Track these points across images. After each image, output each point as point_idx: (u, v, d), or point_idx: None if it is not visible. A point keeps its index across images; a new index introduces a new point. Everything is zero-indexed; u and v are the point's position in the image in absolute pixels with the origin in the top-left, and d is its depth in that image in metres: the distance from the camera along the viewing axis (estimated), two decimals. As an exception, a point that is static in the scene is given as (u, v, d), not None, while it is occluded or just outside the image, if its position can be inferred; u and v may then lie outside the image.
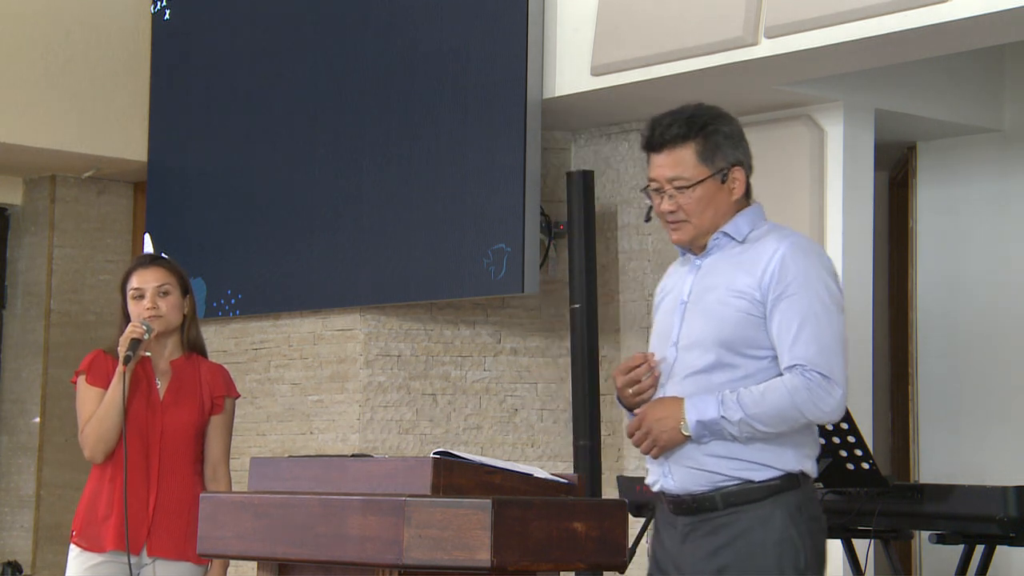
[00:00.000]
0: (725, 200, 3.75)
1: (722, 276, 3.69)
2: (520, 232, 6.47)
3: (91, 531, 4.70)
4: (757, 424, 3.56)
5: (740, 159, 3.79)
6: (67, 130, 8.22)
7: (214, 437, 4.84)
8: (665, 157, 3.75)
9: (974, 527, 4.95)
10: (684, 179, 3.72)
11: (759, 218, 3.79)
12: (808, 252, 3.67)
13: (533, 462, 7.02)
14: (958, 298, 7.11)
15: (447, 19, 6.87)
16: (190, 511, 4.72)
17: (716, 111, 3.82)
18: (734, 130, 3.81)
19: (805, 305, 3.59)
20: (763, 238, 3.71)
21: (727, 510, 3.60)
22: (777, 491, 3.60)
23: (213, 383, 4.85)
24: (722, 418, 3.57)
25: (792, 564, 3.59)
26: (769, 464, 3.61)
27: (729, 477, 3.61)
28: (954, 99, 6.89)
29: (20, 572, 8.30)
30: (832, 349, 3.59)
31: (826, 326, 3.59)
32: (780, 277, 3.61)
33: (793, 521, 3.60)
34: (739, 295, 3.64)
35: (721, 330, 3.64)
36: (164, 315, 4.75)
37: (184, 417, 4.76)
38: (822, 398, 3.56)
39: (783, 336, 3.59)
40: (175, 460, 4.74)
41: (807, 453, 3.67)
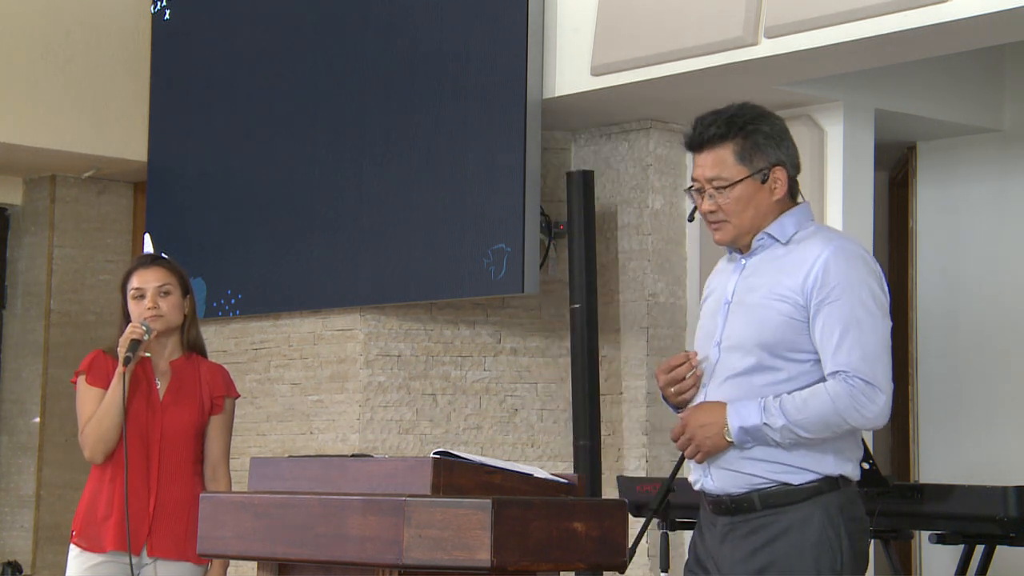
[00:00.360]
0: (766, 200, 3.72)
1: (765, 277, 3.68)
2: (520, 232, 6.47)
3: (91, 531, 4.70)
4: (799, 430, 3.55)
5: (782, 159, 3.75)
6: (67, 130, 8.22)
7: (214, 437, 4.84)
8: (705, 157, 3.74)
9: (974, 527, 4.95)
10: (723, 179, 3.71)
11: (805, 219, 3.76)
12: (852, 256, 3.65)
13: (533, 462, 7.02)
14: (958, 298, 7.11)
15: (447, 19, 6.87)
16: (190, 511, 4.72)
17: (759, 110, 3.79)
18: (776, 130, 3.77)
19: (848, 311, 3.57)
20: (807, 240, 3.69)
21: (765, 511, 3.60)
22: (816, 493, 3.60)
23: (213, 383, 4.85)
24: (764, 424, 3.57)
25: (829, 566, 3.58)
26: (808, 468, 3.61)
27: (766, 480, 3.61)
28: (954, 99, 6.89)
29: (20, 572, 8.30)
30: (875, 355, 3.58)
31: (869, 332, 3.58)
32: (824, 282, 3.59)
33: (832, 523, 3.59)
34: (781, 298, 3.62)
35: (762, 332, 3.63)
36: (165, 315, 4.76)
37: (184, 417, 4.77)
38: (865, 404, 3.55)
39: (826, 342, 3.58)
40: (175, 460, 4.74)
41: (848, 457, 3.66)
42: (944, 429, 7.09)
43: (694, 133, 3.78)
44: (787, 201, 3.76)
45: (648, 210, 6.93)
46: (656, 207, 6.89)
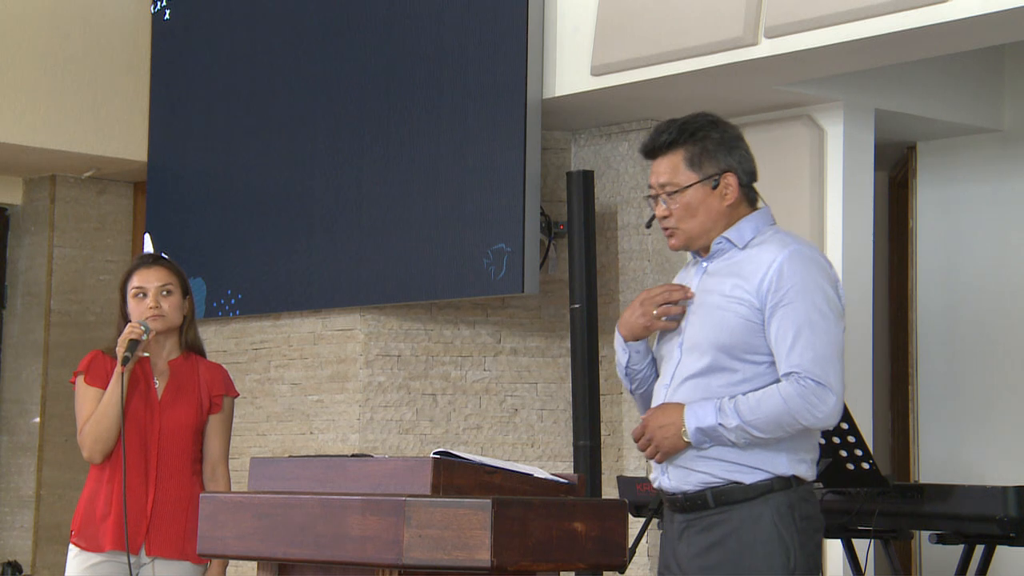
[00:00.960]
0: (716, 206, 3.80)
1: (723, 280, 3.76)
2: (520, 232, 6.47)
3: (90, 531, 4.71)
4: (753, 430, 3.63)
5: (733, 166, 3.83)
6: (67, 130, 8.22)
7: (213, 436, 4.84)
8: (659, 163, 3.84)
9: (974, 527, 4.95)
10: (673, 184, 3.80)
11: (764, 224, 3.83)
12: (808, 260, 3.72)
13: (533, 462, 7.02)
14: (958, 298, 7.11)
15: (447, 19, 6.87)
16: (189, 510, 4.73)
17: (711, 118, 3.90)
18: (727, 137, 3.86)
19: (802, 313, 3.65)
20: (764, 244, 3.76)
21: (718, 508, 3.68)
22: (767, 491, 3.68)
23: (212, 382, 4.85)
24: (720, 425, 3.65)
25: (782, 564, 3.65)
26: (760, 467, 3.68)
27: (719, 478, 3.69)
28: (954, 99, 6.89)
29: (20, 572, 8.30)
30: (827, 357, 3.64)
31: (822, 334, 3.65)
32: (779, 285, 3.67)
33: (783, 520, 3.67)
34: (738, 301, 3.70)
35: (719, 334, 3.71)
36: (166, 315, 4.77)
37: (182, 417, 4.77)
38: (816, 405, 3.62)
39: (780, 343, 3.66)
40: (174, 460, 4.75)
41: (802, 457, 3.73)
42: (944, 429, 7.09)
43: (649, 141, 3.87)
44: (744, 207, 3.84)
45: (648, 211, 6.92)
46: (656, 207, 6.89)
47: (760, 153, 6.79)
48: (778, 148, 6.61)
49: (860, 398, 6.34)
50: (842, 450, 4.95)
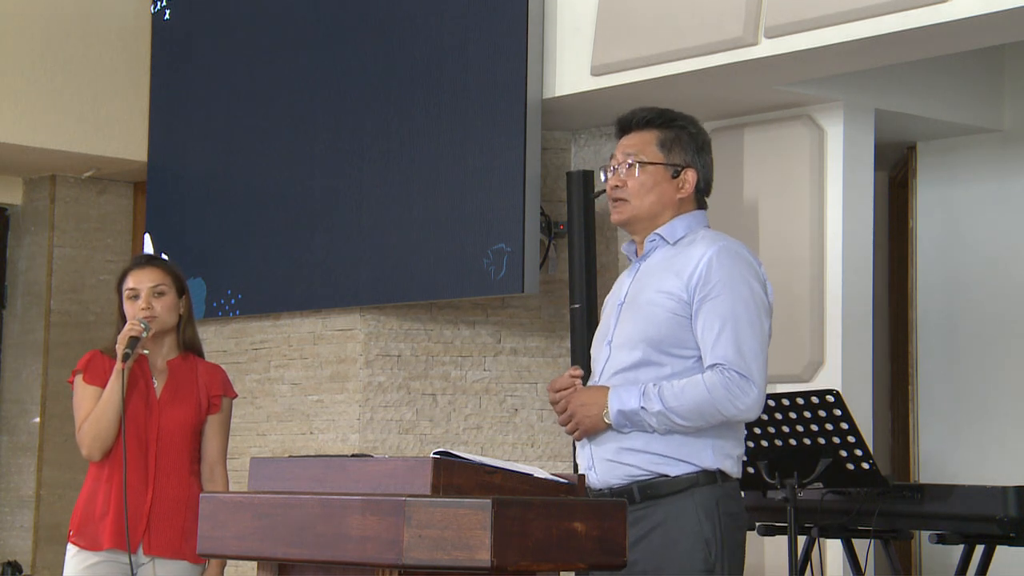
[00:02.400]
0: (669, 194, 3.89)
1: (654, 278, 3.84)
2: (520, 232, 6.48)
3: (88, 530, 4.71)
4: (675, 417, 3.70)
5: (697, 165, 3.92)
6: (67, 130, 8.22)
7: (211, 437, 4.84)
8: (631, 137, 3.93)
9: (974, 527, 4.96)
10: (638, 157, 3.88)
11: (698, 224, 3.91)
12: (736, 256, 3.80)
13: (533, 462, 7.02)
14: (958, 298, 7.11)
15: (447, 19, 6.87)
16: (187, 510, 4.73)
17: (691, 118, 3.99)
18: (701, 139, 3.95)
19: (728, 307, 3.73)
20: (695, 242, 3.84)
21: (643, 503, 3.74)
22: (692, 485, 3.74)
23: (210, 383, 4.85)
24: (642, 409, 3.71)
25: (703, 559, 3.71)
26: (685, 460, 3.74)
27: (645, 471, 3.75)
28: (954, 99, 6.89)
29: (20, 572, 8.30)
30: (751, 350, 3.72)
31: (746, 327, 3.73)
32: (706, 279, 3.75)
33: (708, 517, 3.73)
34: (668, 295, 3.78)
35: (648, 329, 3.78)
36: (159, 315, 4.76)
37: (181, 416, 4.77)
38: (738, 396, 3.69)
39: (706, 336, 3.73)
40: (172, 459, 4.75)
41: (728, 452, 3.80)
42: (944, 429, 7.09)
43: (628, 114, 3.96)
44: (689, 208, 3.93)
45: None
46: (656, 207, 6.89)
47: (760, 153, 6.84)
48: (778, 148, 6.61)
49: (860, 398, 6.33)
50: (842, 450, 4.95)
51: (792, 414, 4.97)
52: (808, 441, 4.97)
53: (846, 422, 4.91)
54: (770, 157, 6.64)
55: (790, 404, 4.97)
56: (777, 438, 5.03)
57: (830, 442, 4.94)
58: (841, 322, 6.38)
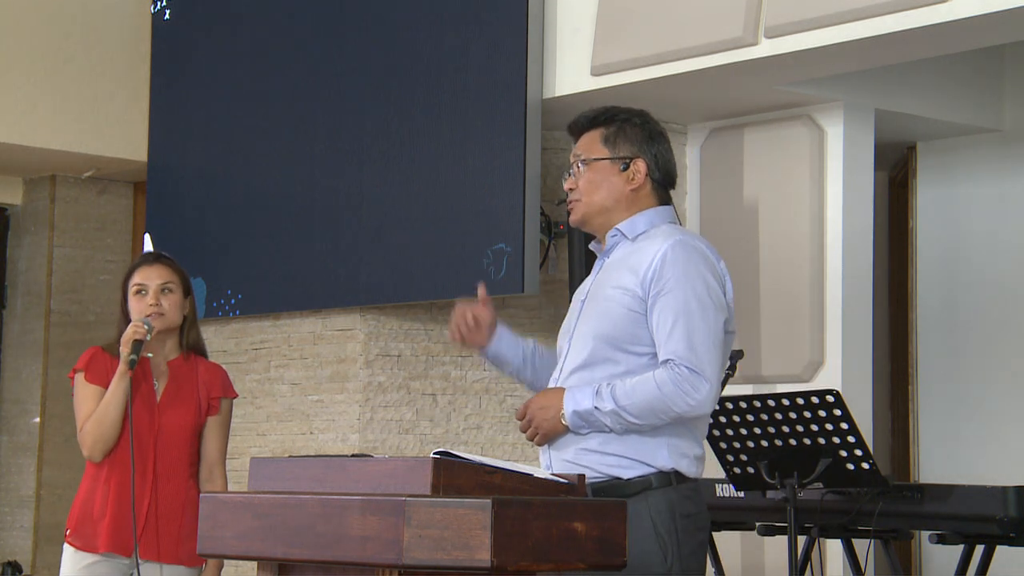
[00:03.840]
0: (620, 187, 3.84)
1: (613, 274, 3.80)
2: (520, 232, 6.47)
3: (85, 531, 4.68)
4: (627, 415, 3.65)
5: (647, 154, 3.86)
6: (67, 130, 8.22)
7: (211, 438, 4.82)
8: (579, 140, 3.90)
9: (974, 527, 4.95)
10: (584, 156, 3.85)
11: (661, 219, 3.86)
12: (691, 251, 3.74)
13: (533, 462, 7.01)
14: (958, 298, 7.11)
15: (447, 19, 6.87)
16: (184, 514, 4.71)
17: (642, 112, 3.95)
18: (650, 129, 3.91)
19: (681, 301, 3.67)
20: (653, 237, 3.79)
21: None
22: (645, 487, 3.68)
23: (210, 384, 4.83)
24: (595, 409, 3.67)
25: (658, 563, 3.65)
26: (640, 460, 3.69)
27: (598, 473, 3.70)
28: (954, 99, 6.89)
29: (20, 572, 8.30)
30: (703, 345, 3.66)
31: (699, 322, 3.67)
32: (660, 273, 3.70)
33: (662, 519, 3.67)
34: (624, 291, 3.73)
35: (602, 325, 3.75)
36: (166, 313, 4.75)
37: (180, 418, 4.75)
38: (688, 392, 3.62)
39: (659, 331, 3.69)
40: (171, 462, 4.73)
41: (684, 452, 3.73)
42: (944, 429, 7.09)
43: (573, 121, 3.93)
44: (650, 201, 3.87)
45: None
46: (656, 207, 6.88)
47: (760, 153, 6.84)
48: (778, 148, 6.61)
49: (860, 398, 6.34)
50: (842, 450, 4.95)
51: (792, 414, 4.97)
52: (808, 441, 4.97)
53: (846, 422, 4.91)
54: (770, 157, 6.64)
55: (790, 404, 4.96)
56: (777, 438, 5.03)
57: (830, 442, 4.94)
58: (841, 322, 6.38)
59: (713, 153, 6.90)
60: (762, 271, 6.59)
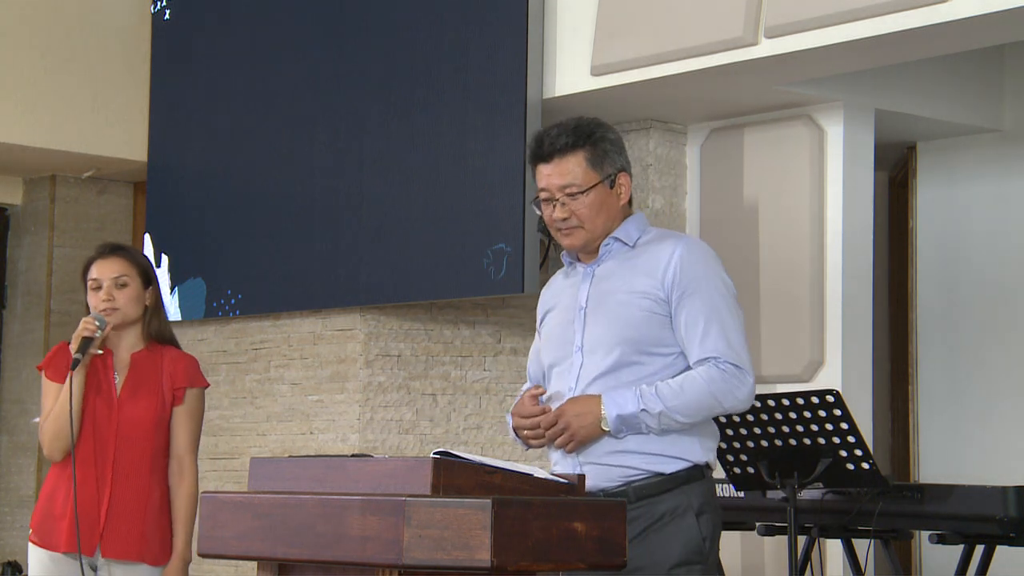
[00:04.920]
0: (614, 205, 3.90)
1: (620, 280, 3.84)
2: (520, 232, 6.48)
3: (46, 528, 4.60)
4: (677, 415, 3.71)
5: (625, 166, 3.93)
6: (67, 130, 8.22)
7: (178, 430, 4.69)
8: (554, 167, 3.89)
9: (974, 527, 4.95)
10: (576, 185, 3.86)
11: (645, 224, 3.95)
12: (704, 251, 3.86)
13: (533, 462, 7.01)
14: (958, 298, 7.11)
15: (447, 19, 6.87)
16: (146, 511, 4.61)
17: (598, 121, 3.99)
18: (617, 139, 3.98)
19: (708, 302, 3.76)
20: (656, 241, 3.87)
21: (638, 503, 3.72)
22: (685, 481, 3.76)
23: (174, 374, 4.70)
24: (642, 411, 3.70)
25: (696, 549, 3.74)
26: (679, 456, 3.76)
27: (641, 471, 3.75)
28: (954, 99, 6.89)
29: (20, 572, 8.30)
30: (738, 341, 3.78)
31: (730, 319, 3.77)
32: (682, 276, 3.77)
33: (699, 511, 3.76)
34: (642, 295, 3.79)
35: (625, 329, 3.78)
36: (120, 308, 4.63)
37: (140, 412, 4.63)
38: (737, 387, 3.74)
39: (691, 332, 3.76)
40: (131, 458, 4.62)
41: (710, 445, 3.85)
42: (944, 429, 7.09)
43: (542, 145, 3.93)
44: (628, 208, 3.96)
45: (648, 210, 6.93)
46: (656, 207, 6.89)
47: (760, 153, 6.84)
48: (778, 148, 6.61)
49: (860, 398, 6.33)
50: (842, 450, 4.95)
51: (792, 414, 4.97)
52: (808, 441, 4.97)
53: (846, 422, 4.91)
54: (770, 157, 6.64)
55: (790, 404, 4.97)
56: (777, 438, 5.03)
57: (830, 442, 4.94)
58: (841, 322, 6.38)
59: (713, 153, 6.89)
60: (762, 271, 6.59)
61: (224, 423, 7.79)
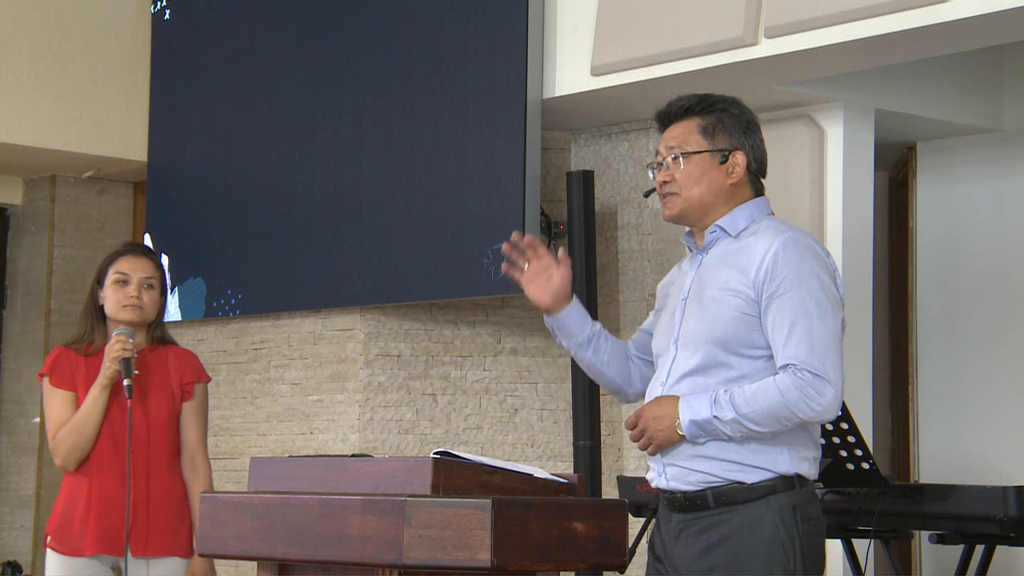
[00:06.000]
0: (720, 181, 3.72)
1: (718, 273, 3.66)
2: (520, 232, 6.46)
3: (68, 535, 4.64)
4: (749, 424, 3.54)
5: (745, 146, 3.74)
6: (67, 130, 8.21)
7: (188, 424, 4.76)
8: (672, 130, 3.76)
9: (974, 527, 4.95)
10: (680, 148, 3.72)
11: (761, 213, 3.73)
12: (803, 248, 3.62)
13: (533, 462, 7.02)
14: (958, 298, 7.11)
15: (447, 19, 6.87)
16: (171, 505, 4.68)
17: (734, 99, 3.81)
18: (746, 120, 3.78)
19: (798, 303, 3.55)
20: (758, 233, 3.66)
21: (718, 509, 3.59)
22: (770, 492, 3.58)
23: (181, 370, 4.77)
24: (715, 418, 3.55)
25: (782, 566, 3.56)
26: (762, 466, 3.59)
27: (720, 478, 3.60)
28: (954, 99, 6.89)
29: (20, 572, 8.30)
30: (825, 347, 3.53)
31: (818, 323, 3.54)
32: (773, 274, 3.57)
33: (785, 523, 3.57)
34: (734, 293, 3.61)
35: (714, 329, 3.62)
36: (145, 307, 4.70)
37: (153, 410, 4.69)
38: (813, 397, 3.51)
39: (776, 334, 3.56)
40: (150, 456, 4.68)
41: (804, 455, 3.63)
42: (944, 429, 7.09)
43: (666, 106, 3.80)
44: (747, 193, 3.75)
45: (648, 210, 6.93)
46: (656, 207, 6.89)
47: (760, 153, 6.81)
48: (778, 148, 6.57)
49: (860, 398, 6.33)
50: (842, 450, 4.95)
51: (792, 414, 4.96)
52: (808, 441, 4.96)
53: (846, 422, 4.91)
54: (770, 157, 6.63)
55: (790, 404, 4.96)
56: (777, 438, 5.02)
57: (830, 442, 4.94)
58: (841, 322, 6.37)
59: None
60: (762, 271, 6.59)
61: (224, 423, 7.79)
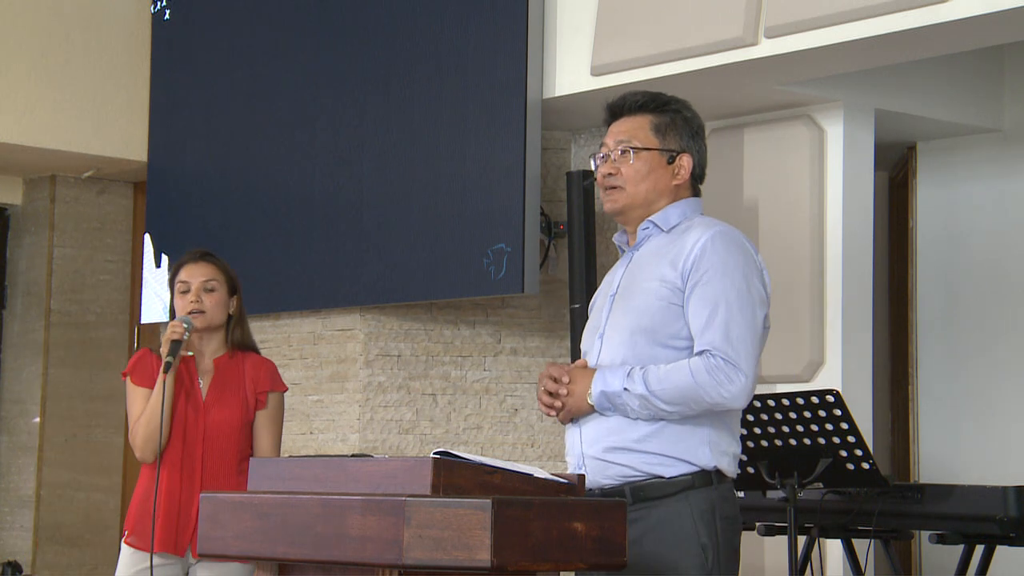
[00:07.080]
0: (665, 181, 3.76)
1: (648, 267, 3.70)
2: (520, 232, 6.48)
3: (142, 530, 4.69)
4: (657, 401, 3.56)
5: (692, 150, 3.78)
6: (67, 130, 8.22)
7: (261, 433, 4.82)
8: (622, 123, 3.79)
9: (974, 527, 4.96)
10: (629, 143, 3.74)
11: (693, 211, 3.79)
12: (731, 243, 3.67)
13: (533, 462, 7.02)
14: (958, 298, 7.11)
15: (447, 19, 6.87)
16: None
17: (685, 102, 3.84)
18: (696, 123, 3.82)
19: (719, 292, 3.59)
20: (691, 229, 3.70)
21: (636, 505, 3.58)
22: (687, 487, 3.59)
23: (257, 379, 4.81)
24: (625, 390, 3.57)
25: (699, 564, 3.56)
26: (682, 458, 3.60)
27: (639, 472, 3.60)
28: (954, 99, 6.89)
29: (20, 572, 8.30)
30: (740, 337, 3.57)
31: (736, 313, 3.58)
32: (698, 265, 3.61)
33: (703, 520, 3.58)
34: (661, 283, 3.64)
35: (640, 318, 3.64)
36: (207, 311, 4.74)
37: (226, 416, 4.74)
38: (723, 383, 3.53)
39: (696, 321, 3.59)
40: (219, 460, 4.73)
41: (724, 449, 3.65)
42: (944, 429, 7.09)
43: (618, 100, 3.81)
44: (686, 195, 3.80)
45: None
46: (656, 207, 6.89)
47: (760, 153, 6.84)
48: (778, 148, 6.61)
49: (860, 398, 6.33)
50: (842, 450, 4.95)
51: (792, 414, 4.97)
52: (808, 441, 4.97)
53: (846, 422, 4.91)
54: (770, 157, 6.64)
55: (790, 404, 4.97)
56: (777, 438, 5.03)
57: (830, 442, 4.94)
58: (841, 322, 6.38)
59: (713, 153, 6.87)
60: (762, 271, 6.59)
61: (224, 423, 7.79)
